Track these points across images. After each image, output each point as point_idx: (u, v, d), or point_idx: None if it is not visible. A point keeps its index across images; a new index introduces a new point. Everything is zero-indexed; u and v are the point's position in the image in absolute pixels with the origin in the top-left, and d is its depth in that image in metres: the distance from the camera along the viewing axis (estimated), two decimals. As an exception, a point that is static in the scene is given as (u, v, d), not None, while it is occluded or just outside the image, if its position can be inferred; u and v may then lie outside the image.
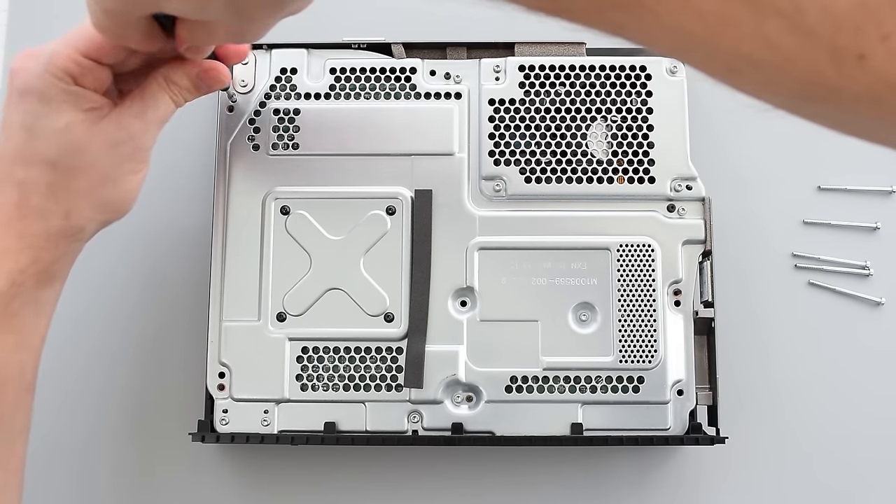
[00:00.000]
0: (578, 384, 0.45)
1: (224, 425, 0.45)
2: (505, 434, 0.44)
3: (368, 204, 0.46)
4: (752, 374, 0.49)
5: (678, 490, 0.49)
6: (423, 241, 0.46)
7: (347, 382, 0.45)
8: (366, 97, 0.47)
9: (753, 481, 0.49)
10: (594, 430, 0.44)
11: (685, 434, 0.44)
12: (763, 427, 0.49)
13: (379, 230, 0.46)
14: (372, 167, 0.47)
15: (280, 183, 0.46)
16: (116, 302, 0.50)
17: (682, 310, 0.45)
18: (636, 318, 0.45)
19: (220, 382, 0.45)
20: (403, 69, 0.47)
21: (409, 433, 0.45)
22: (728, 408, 0.47)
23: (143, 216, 0.51)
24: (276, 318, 0.45)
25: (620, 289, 0.45)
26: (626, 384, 0.45)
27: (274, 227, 0.46)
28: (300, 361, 0.45)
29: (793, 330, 0.50)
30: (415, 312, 0.45)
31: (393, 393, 0.45)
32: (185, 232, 0.50)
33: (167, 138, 0.51)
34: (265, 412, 0.45)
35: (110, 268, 0.50)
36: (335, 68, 0.48)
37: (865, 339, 0.50)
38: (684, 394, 0.45)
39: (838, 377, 0.49)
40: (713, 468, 0.49)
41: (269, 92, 0.47)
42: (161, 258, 0.50)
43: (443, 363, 0.45)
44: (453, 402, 0.45)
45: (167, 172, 0.51)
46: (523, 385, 0.45)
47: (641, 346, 0.45)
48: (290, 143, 0.47)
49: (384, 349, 0.45)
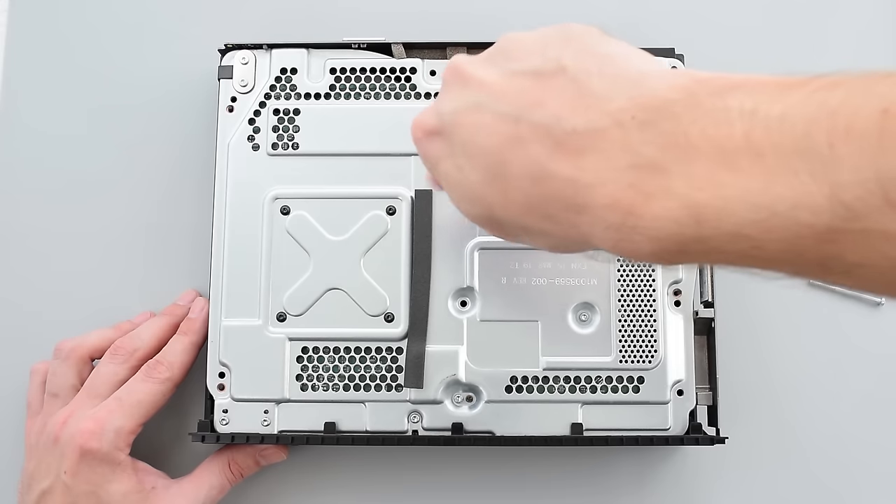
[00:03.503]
0: (578, 384, 0.45)
1: (224, 425, 0.45)
2: (505, 434, 0.44)
3: (368, 204, 0.46)
4: (752, 374, 0.49)
5: (678, 490, 0.49)
6: (423, 241, 0.46)
7: (347, 382, 0.45)
8: (366, 97, 0.47)
9: (753, 481, 0.49)
10: (594, 430, 0.44)
11: (685, 434, 0.44)
12: (762, 427, 0.49)
13: (379, 230, 0.46)
14: (372, 167, 0.47)
15: (280, 183, 0.46)
16: (116, 302, 0.50)
17: (682, 310, 0.45)
18: (636, 318, 0.45)
19: (220, 382, 0.45)
20: (403, 69, 0.47)
21: (409, 433, 0.45)
22: (728, 408, 0.47)
23: (143, 216, 0.51)
24: (276, 318, 0.45)
25: (620, 289, 0.45)
26: (626, 384, 0.45)
27: (274, 227, 0.46)
28: (300, 361, 0.45)
29: (793, 330, 0.50)
30: (415, 312, 0.45)
31: (393, 393, 0.45)
32: (185, 232, 0.50)
33: (167, 138, 0.52)
34: (265, 412, 0.45)
35: (110, 268, 0.50)
36: (335, 68, 0.48)
37: (865, 339, 0.50)
38: (684, 394, 0.45)
39: (838, 377, 0.49)
40: (713, 468, 0.49)
41: (269, 92, 0.47)
42: (161, 258, 0.50)
43: (443, 363, 0.45)
44: (453, 402, 0.45)
45: (167, 172, 0.51)
46: (523, 385, 0.45)
47: (641, 346, 0.45)
48: (290, 143, 0.47)
49: (384, 349, 0.45)
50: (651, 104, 0.26)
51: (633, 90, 0.27)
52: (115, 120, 0.52)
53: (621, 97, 0.27)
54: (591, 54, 0.29)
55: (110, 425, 0.43)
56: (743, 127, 0.24)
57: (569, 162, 0.27)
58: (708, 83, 0.26)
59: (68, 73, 0.52)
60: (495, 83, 0.30)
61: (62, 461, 0.42)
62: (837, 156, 0.22)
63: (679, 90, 0.26)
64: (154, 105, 0.52)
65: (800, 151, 0.23)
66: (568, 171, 0.27)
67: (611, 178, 0.26)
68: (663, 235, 0.26)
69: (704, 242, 0.25)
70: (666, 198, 0.25)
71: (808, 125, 0.23)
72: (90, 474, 0.42)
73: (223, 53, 0.48)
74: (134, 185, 0.51)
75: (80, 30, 0.53)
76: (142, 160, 0.51)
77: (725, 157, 0.24)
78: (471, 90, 0.31)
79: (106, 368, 0.45)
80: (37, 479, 0.43)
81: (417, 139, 0.34)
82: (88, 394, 0.44)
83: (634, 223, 0.26)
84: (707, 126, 0.25)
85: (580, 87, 0.28)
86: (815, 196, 0.22)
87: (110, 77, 0.52)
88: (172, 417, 0.48)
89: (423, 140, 0.34)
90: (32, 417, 0.46)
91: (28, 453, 0.45)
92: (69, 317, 0.50)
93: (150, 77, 0.52)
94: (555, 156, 0.28)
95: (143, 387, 0.44)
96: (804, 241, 0.23)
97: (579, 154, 0.27)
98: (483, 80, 0.31)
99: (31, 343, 0.49)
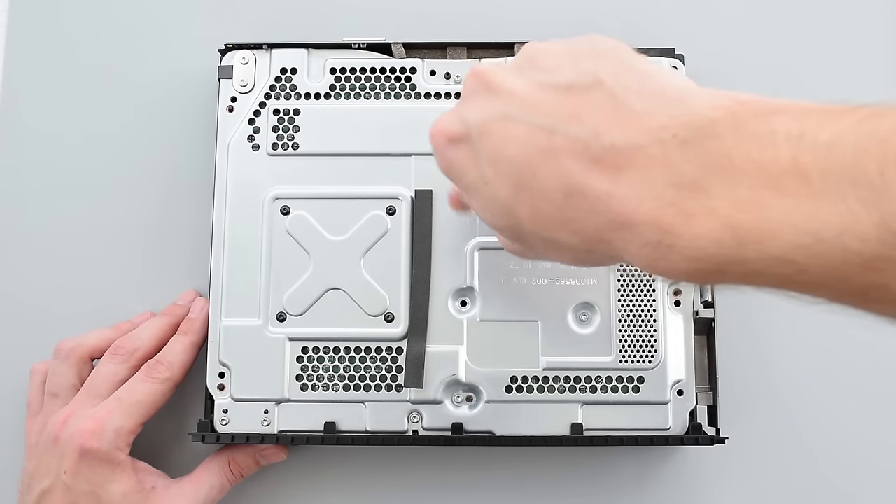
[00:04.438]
0: (578, 384, 0.45)
1: (224, 425, 0.45)
2: (505, 434, 0.44)
3: (368, 204, 0.46)
4: (752, 375, 0.49)
5: (678, 490, 0.49)
6: (423, 241, 0.46)
7: (347, 382, 0.45)
8: (366, 97, 0.47)
9: (753, 481, 0.49)
10: (594, 430, 0.44)
11: (685, 434, 0.44)
12: (763, 427, 0.49)
13: (379, 230, 0.46)
14: (372, 167, 0.47)
15: (280, 183, 0.46)
16: (116, 302, 0.50)
17: (682, 310, 0.45)
18: (636, 318, 0.45)
19: (220, 382, 0.45)
20: (403, 69, 0.47)
21: (409, 433, 0.45)
22: (728, 408, 0.47)
23: (143, 216, 0.51)
24: (276, 318, 0.45)
25: (620, 289, 0.45)
26: (626, 384, 0.45)
27: (274, 227, 0.46)
28: (300, 361, 0.45)
29: (793, 330, 0.50)
30: (415, 312, 0.45)
31: (393, 393, 0.45)
32: (185, 232, 0.50)
33: (167, 138, 0.52)
34: (265, 412, 0.45)
35: (110, 267, 0.50)
36: (335, 68, 0.48)
37: (865, 339, 0.50)
38: (684, 394, 0.45)
39: (838, 377, 0.49)
40: (713, 468, 0.49)
41: (269, 92, 0.47)
42: (161, 258, 0.50)
43: (443, 363, 0.45)
44: (453, 402, 0.45)
45: (167, 172, 0.51)
46: (523, 385, 0.45)
47: (641, 346, 0.45)
48: (290, 143, 0.47)
49: (384, 349, 0.45)
50: (693, 123, 0.26)
51: (674, 108, 0.26)
52: (116, 120, 0.52)
53: (662, 115, 0.26)
54: (628, 70, 0.28)
55: (110, 425, 0.43)
56: (790, 151, 0.24)
57: (606, 177, 0.27)
58: (750, 105, 0.25)
59: (68, 72, 0.52)
60: (527, 94, 0.30)
61: (62, 461, 0.42)
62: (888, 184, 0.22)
63: (722, 110, 0.26)
64: (154, 105, 0.52)
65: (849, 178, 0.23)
66: (604, 187, 0.27)
67: (650, 196, 0.26)
68: (702, 256, 0.25)
69: (745, 265, 0.25)
70: (708, 218, 0.25)
71: (858, 153, 0.23)
72: (90, 474, 0.42)
73: (223, 53, 0.48)
74: (134, 185, 0.51)
75: (80, 30, 0.53)
76: (142, 160, 0.51)
77: (771, 180, 0.24)
78: (500, 99, 0.30)
79: (106, 368, 0.45)
80: (37, 479, 0.43)
81: (440, 146, 0.33)
82: (88, 394, 0.44)
83: (672, 242, 0.26)
84: (751, 148, 0.25)
85: (618, 103, 0.27)
86: (863, 223, 0.22)
87: (110, 77, 0.52)
88: (172, 417, 0.48)
89: (446, 147, 0.33)
90: (32, 417, 0.46)
91: (28, 453, 0.45)
92: (69, 317, 0.50)
93: (150, 77, 0.52)
94: (591, 170, 0.27)
95: (142, 387, 0.44)
96: (850, 268, 0.23)
97: (617, 170, 0.27)
98: (513, 90, 0.30)
99: (31, 343, 0.49)
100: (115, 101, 0.52)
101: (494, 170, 0.30)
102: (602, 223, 0.27)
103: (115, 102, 0.52)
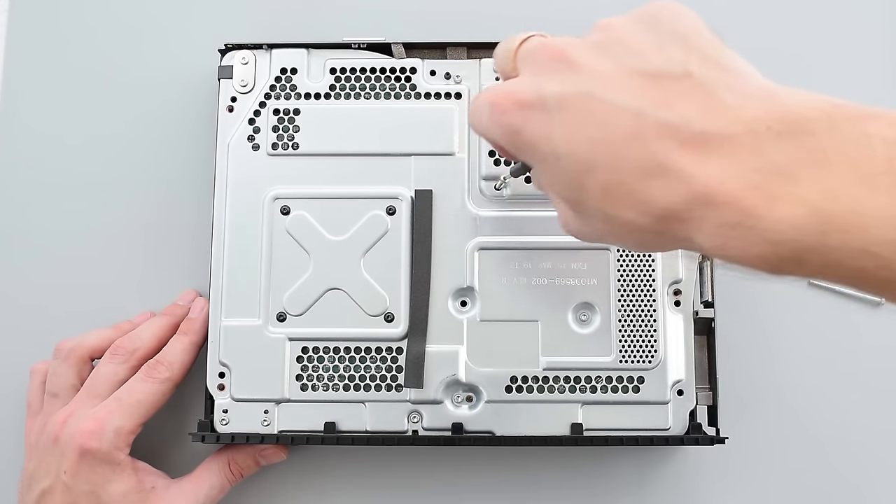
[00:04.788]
0: (578, 384, 0.45)
1: (224, 425, 0.45)
2: (505, 434, 0.44)
3: (368, 204, 0.46)
4: (753, 374, 0.49)
5: (678, 490, 0.49)
6: (423, 241, 0.46)
7: (347, 382, 0.45)
8: (366, 97, 0.47)
9: (753, 481, 0.49)
10: (594, 430, 0.44)
11: (685, 434, 0.44)
12: (763, 427, 0.49)
13: (379, 230, 0.46)
14: (372, 167, 0.47)
15: (280, 183, 0.46)
16: (116, 302, 0.50)
17: (682, 310, 0.45)
18: (636, 318, 0.45)
19: (220, 382, 0.45)
20: (403, 69, 0.47)
21: (409, 433, 0.45)
22: (728, 408, 0.47)
23: (143, 216, 0.51)
24: (276, 318, 0.45)
25: (620, 289, 0.45)
26: (626, 384, 0.45)
27: (274, 227, 0.46)
28: (300, 361, 0.45)
29: (793, 330, 0.50)
30: (415, 312, 0.45)
31: (393, 393, 0.45)
32: (185, 232, 0.50)
33: (167, 138, 0.52)
34: (265, 412, 0.45)
35: (110, 267, 0.50)
36: (335, 68, 0.48)
37: (865, 339, 0.50)
38: (684, 394, 0.45)
39: (838, 377, 0.49)
40: (713, 468, 0.49)
41: (269, 92, 0.47)
42: (161, 258, 0.50)
43: (443, 363, 0.45)
44: (453, 402, 0.45)
45: (167, 172, 0.51)
46: (523, 385, 0.45)
47: (641, 346, 0.45)
48: (290, 143, 0.47)
49: (384, 349, 0.45)
50: (789, 118, 0.26)
51: (768, 103, 0.27)
52: (115, 120, 0.52)
53: (755, 108, 0.27)
54: (716, 64, 0.28)
55: (110, 425, 0.43)
56: (886, 153, 0.24)
57: (693, 158, 0.27)
58: (844, 109, 0.26)
59: (68, 73, 0.52)
60: (612, 74, 0.29)
61: (62, 461, 0.42)
62: None
63: (817, 110, 0.26)
64: (154, 105, 0.52)
65: None
66: (690, 167, 0.27)
67: (735, 176, 0.26)
68: (782, 240, 0.25)
69: (825, 254, 0.25)
70: (793, 203, 0.25)
71: None
72: (90, 474, 0.42)
73: (223, 53, 0.48)
74: (134, 185, 0.51)
75: (80, 30, 0.53)
76: (142, 160, 0.51)
77: (864, 176, 0.24)
78: (581, 76, 0.30)
79: (106, 368, 0.45)
80: (37, 479, 0.43)
81: (505, 109, 0.32)
82: (88, 394, 0.44)
83: (753, 224, 0.26)
84: (847, 148, 0.25)
85: (710, 95, 0.28)
86: None
87: (110, 77, 0.52)
88: (172, 417, 0.48)
89: (514, 112, 0.32)
90: (32, 417, 0.46)
91: (28, 453, 0.45)
92: (69, 317, 0.50)
93: (150, 77, 0.52)
94: (678, 152, 0.27)
95: (142, 387, 0.44)
96: None
97: (706, 153, 0.27)
98: (596, 68, 0.30)
99: (31, 343, 0.49)
100: (115, 101, 0.52)
101: (570, 144, 0.30)
102: (680, 203, 0.27)
103: (115, 103, 0.52)
